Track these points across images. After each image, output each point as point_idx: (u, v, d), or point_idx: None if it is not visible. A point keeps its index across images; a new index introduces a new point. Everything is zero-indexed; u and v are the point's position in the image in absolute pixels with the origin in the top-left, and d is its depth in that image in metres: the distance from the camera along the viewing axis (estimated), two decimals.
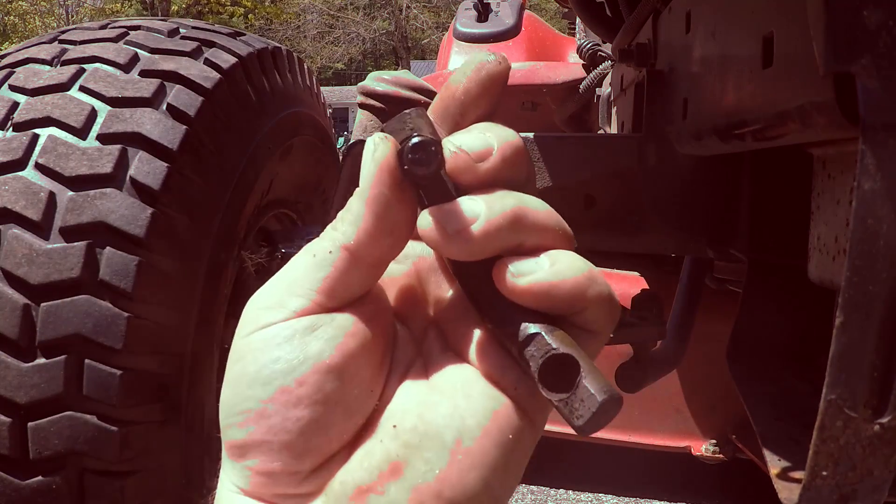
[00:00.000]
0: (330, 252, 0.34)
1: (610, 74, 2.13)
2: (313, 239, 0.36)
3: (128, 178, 0.93)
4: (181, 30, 1.15)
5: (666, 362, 1.42)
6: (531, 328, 0.31)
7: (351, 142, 1.21)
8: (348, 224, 0.34)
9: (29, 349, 0.88)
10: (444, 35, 3.96)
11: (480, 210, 0.32)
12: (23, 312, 0.88)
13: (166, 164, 0.96)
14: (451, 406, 0.32)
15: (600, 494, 2.28)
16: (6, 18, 27.23)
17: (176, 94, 1.01)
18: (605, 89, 2.17)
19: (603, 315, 0.34)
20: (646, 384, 1.35)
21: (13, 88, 1.00)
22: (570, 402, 0.30)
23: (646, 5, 1.23)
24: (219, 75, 1.07)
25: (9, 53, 1.09)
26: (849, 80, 0.50)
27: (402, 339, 0.36)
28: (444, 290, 0.37)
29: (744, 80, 0.72)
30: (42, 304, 0.88)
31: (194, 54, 1.08)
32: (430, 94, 1.28)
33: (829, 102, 0.52)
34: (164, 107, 0.99)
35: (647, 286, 2.21)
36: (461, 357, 0.34)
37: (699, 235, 1.19)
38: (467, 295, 0.34)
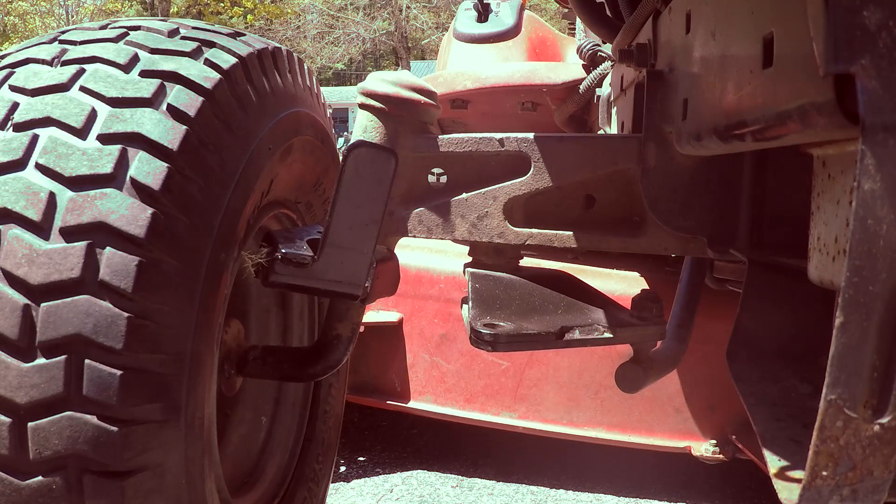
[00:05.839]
0: None
1: (610, 75, 2.13)
2: (313, 239, 0.36)
3: (128, 178, 0.93)
4: (181, 30, 1.15)
5: (666, 362, 1.42)
6: None
7: (351, 142, 1.21)
8: None
9: (29, 349, 0.87)
10: (443, 35, 3.96)
11: None
12: (23, 312, 0.87)
13: (166, 164, 0.95)
14: None
15: (600, 494, 2.28)
16: (6, 18, 27.21)
17: (176, 94, 1.01)
18: (605, 90, 2.17)
19: None
20: (646, 384, 1.35)
21: (13, 88, 1.00)
22: None
23: (646, 6, 1.23)
24: (219, 75, 1.07)
25: (9, 53, 1.09)
26: (849, 80, 0.50)
27: None
28: None
29: (744, 81, 0.72)
30: (42, 304, 0.88)
31: (194, 54, 1.08)
32: (431, 95, 1.28)
33: (829, 102, 0.52)
34: (164, 107, 0.99)
35: (647, 286, 2.21)
36: None
37: (699, 235, 1.19)
38: None
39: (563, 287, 1.29)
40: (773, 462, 0.79)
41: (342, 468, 2.39)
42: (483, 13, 3.28)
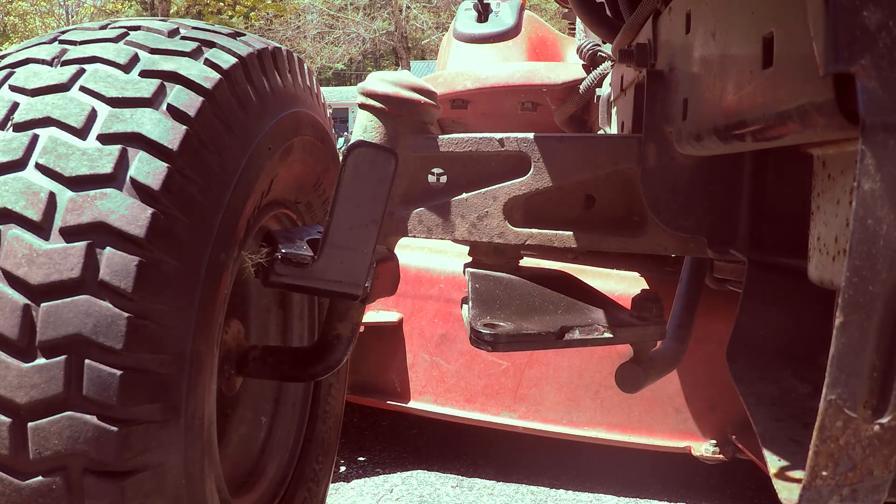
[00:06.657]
0: None
1: (610, 75, 2.12)
2: (313, 239, 0.36)
3: (128, 178, 0.93)
4: (181, 30, 1.15)
5: (666, 362, 1.42)
6: None
7: (351, 142, 1.21)
8: None
9: (29, 349, 0.87)
10: (444, 35, 3.96)
11: None
12: (23, 312, 0.87)
13: (166, 164, 0.95)
14: None
15: (600, 494, 2.28)
16: (6, 18, 27.22)
17: (176, 94, 1.01)
18: (605, 90, 2.17)
19: None
20: (646, 384, 1.35)
21: (13, 88, 1.00)
22: None
23: (646, 6, 1.23)
24: (219, 75, 1.07)
25: (9, 53, 1.09)
26: (849, 80, 0.50)
27: None
28: None
29: (744, 81, 0.72)
30: (42, 304, 0.88)
31: (194, 54, 1.08)
32: (431, 95, 1.28)
33: (829, 102, 0.52)
34: (164, 107, 0.99)
35: (647, 286, 2.21)
36: None
37: (699, 235, 1.19)
38: None
39: (563, 287, 1.29)
40: (773, 462, 0.79)
41: (342, 468, 2.39)
42: (483, 13, 3.28)
